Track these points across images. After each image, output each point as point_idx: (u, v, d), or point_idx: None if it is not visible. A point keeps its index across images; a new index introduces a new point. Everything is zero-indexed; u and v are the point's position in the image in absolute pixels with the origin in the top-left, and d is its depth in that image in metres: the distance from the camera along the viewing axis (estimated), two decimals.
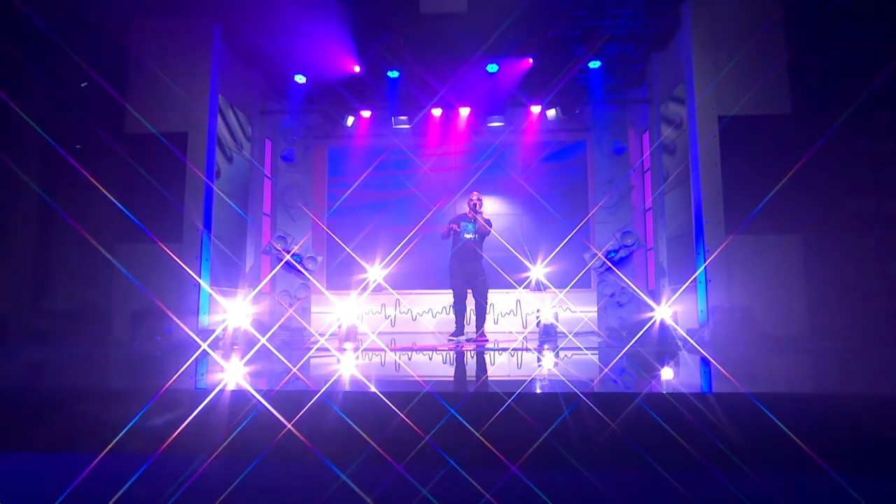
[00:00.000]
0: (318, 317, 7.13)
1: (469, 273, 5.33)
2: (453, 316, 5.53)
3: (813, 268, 4.66)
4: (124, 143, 5.22)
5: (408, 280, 7.56)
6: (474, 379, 2.92)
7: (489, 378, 2.93)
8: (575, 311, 7.23)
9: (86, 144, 5.12)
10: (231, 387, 2.38)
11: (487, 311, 5.69)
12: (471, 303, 5.46)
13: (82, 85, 4.87)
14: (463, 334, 5.33)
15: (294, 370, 3.14)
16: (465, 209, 5.49)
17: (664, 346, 4.23)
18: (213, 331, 5.22)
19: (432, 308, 7.51)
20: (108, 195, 5.06)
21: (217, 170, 5.68)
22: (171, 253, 5.13)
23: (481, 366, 3.60)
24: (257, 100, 6.66)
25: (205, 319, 5.28)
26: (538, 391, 2.30)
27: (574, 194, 7.63)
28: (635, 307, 6.30)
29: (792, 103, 4.81)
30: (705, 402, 2.01)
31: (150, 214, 5.19)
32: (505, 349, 4.69)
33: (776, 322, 4.59)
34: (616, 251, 6.16)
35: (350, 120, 7.15)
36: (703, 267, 4.98)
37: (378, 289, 7.47)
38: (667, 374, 3.07)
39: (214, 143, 5.51)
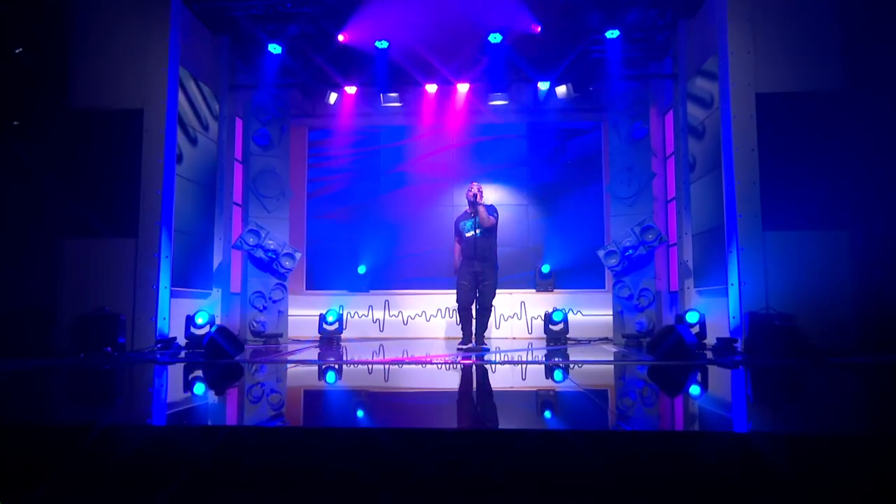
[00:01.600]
0: (296, 321, 6.94)
1: (476, 273, 5.16)
2: (452, 320, 5.32)
3: (864, 268, 4.51)
4: (69, 121, 4.99)
5: (399, 279, 7.44)
6: (456, 409, 2.68)
7: (481, 408, 2.69)
8: (588, 314, 7.05)
9: (23, 122, 4.88)
10: (194, 420, 2.15)
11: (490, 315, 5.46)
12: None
13: (16, 51, 4.58)
14: (472, 343, 5.17)
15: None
16: (463, 201, 5.32)
17: (687, 358, 4.01)
18: (175, 339, 5.04)
19: (426, 311, 7.34)
20: (51, 181, 4.82)
21: (179, 153, 5.46)
22: (124, 249, 4.95)
23: (470, 388, 3.37)
24: (225, 73, 6.41)
25: (165, 326, 5.09)
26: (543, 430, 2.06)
27: (587, 183, 7.49)
28: (656, 312, 6.12)
29: (844, 78, 4.64)
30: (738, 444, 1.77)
31: (100, 204, 5.00)
32: (507, 362, 4.48)
33: (821, 331, 4.43)
34: (634, 248, 6.01)
35: (333, 97, 6.93)
36: (735, 267, 4.83)
37: (365, 289, 7.35)
38: (691, 403, 2.83)
39: (175, 121, 5.29)
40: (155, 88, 5.09)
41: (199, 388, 3.22)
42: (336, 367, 4.32)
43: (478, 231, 5.14)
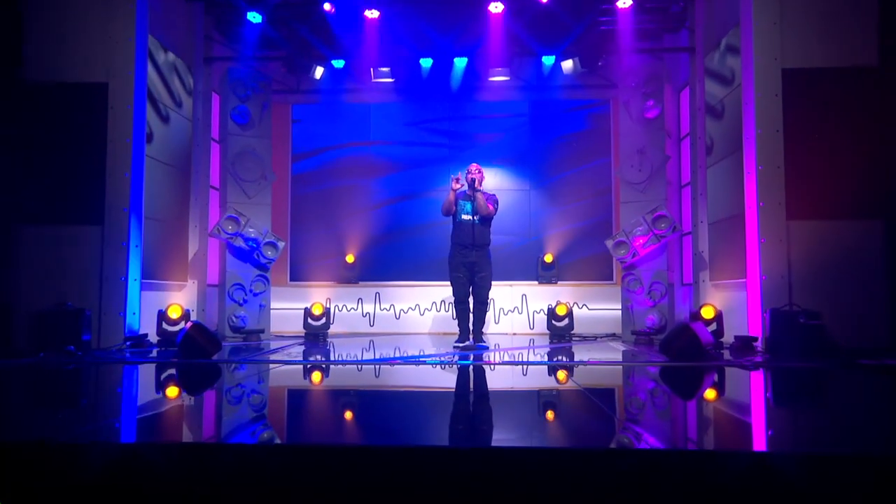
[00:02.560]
0: (279, 315, 6.84)
1: (471, 264, 5.08)
2: (448, 314, 5.22)
3: None
4: (24, 96, 4.81)
5: (391, 269, 7.35)
6: (449, 420, 2.54)
7: (479, 416, 2.55)
8: (594, 308, 6.95)
9: None
10: (162, 435, 2.00)
11: (487, 310, 5.39)
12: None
13: None
14: (469, 340, 5.10)
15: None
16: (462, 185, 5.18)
17: (702, 359, 3.92)
18: (146, 335, 4.93)
19: (420, 304, 7.24)
20: (5, 162, 4.65)
21: (149, 132, 5.32)
22: (89, 238, 4.81)
23: (466, 396, 3.24)
24: (200, 43, 6.25)
25: (135, 321, 4.97)
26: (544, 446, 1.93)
27: (594, 166, 7.37)
28: (668, 307, 6.02)
29: (880, 52, 4.49)
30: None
31: (62, 188, 4.86)
32: (506, 363, 4.38)
33: (850, 330, 4.34)
34: (646, 238, 5.90)
35: (319, 71, 6.75)
36: (756, 259, 4.73)
37: (354, 280, 7.25)
38: (706, 414, 2.71)
39: (144, 96, 5.13)
40: (121, 59, 4.92)
41: (172, 392, 3.12)
42: (322, 368, 4.24)
43: (476, 217, 5.04)
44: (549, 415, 2.54)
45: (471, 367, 4.03)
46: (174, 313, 5.04)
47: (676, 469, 1.66)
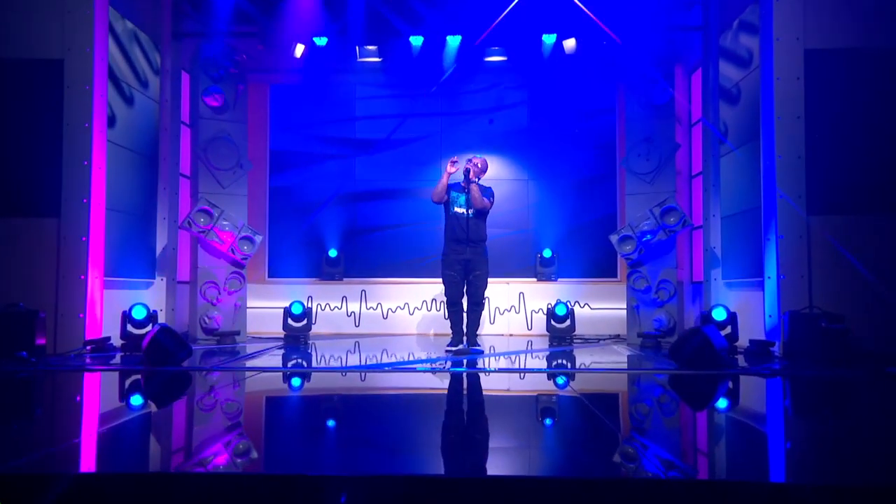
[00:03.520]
0: (256, 315, 6.75)
1: (465, 262, 5.03)
2: (439, 314, 5.14)
3: None
4: None
5: (378, 265, 7.30)
6: (440, 440, 2.43)
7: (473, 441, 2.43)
8: (597, 308, 6.90)
9: None
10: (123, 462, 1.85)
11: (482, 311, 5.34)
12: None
13: None
14: (462, 344, 5.06)
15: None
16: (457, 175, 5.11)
17: (715, 367, 3.85)
18: (109, 339, 4.83)
19: (409, 302, 7.19)
20: None
21: (111, 114, 5.18)
22: (44, 231, 4.68)
23: (459, 409, 3.11)
24: (168, 17, 6.07)
25: (96, 324, 4.86)
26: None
27: (598, 155, 7.32)
28: (677, 307, 5.93)
29: None
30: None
31: (12, 176, 4.73)
32: (502, 370, 4.29)
33: (876, 335, 4.27)
34: (653, 233, 5.86)
35: (299, 49, 6.59)
36: (774, 256, 4.68)
37: (338, 277, 7.19)
38: (721, 436, 2.61)
39: (105, 75, 4.98)
40: (78, 34, 4.77)
41: (137, 404, 3.04)
42: (303, 375, 4.18)
43: (470, 211, 4.98)
44: (549, 432, 2.45)
45: (464, 374, 3.96)
46: (139, 314, 4.90)
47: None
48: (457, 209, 5.02)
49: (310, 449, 2.19)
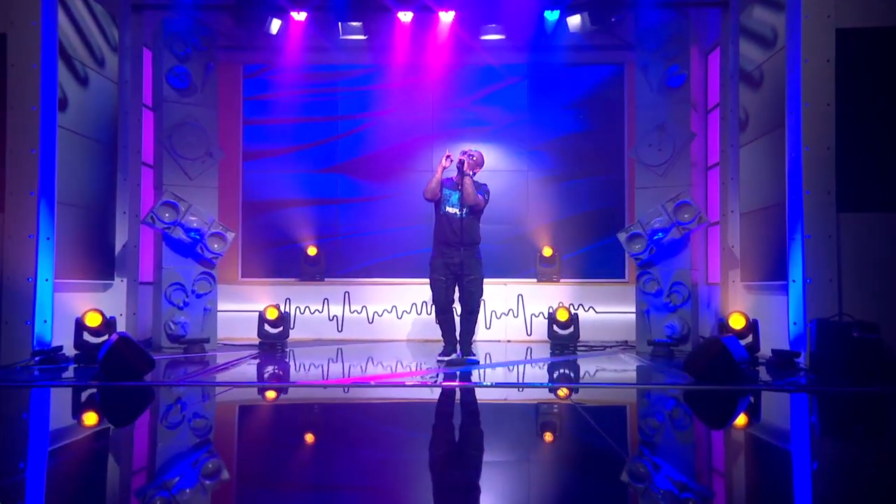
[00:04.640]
0: (228, 319, 6.73)
1: (456, 266, 4.96)
2: (430, 318, 5.22)
3: None
4: None
5: (363, 264, 7.33)
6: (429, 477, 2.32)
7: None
8: (603, 312, 6.91)
9: None
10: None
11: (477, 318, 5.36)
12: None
13: None
14: (456, 353, 5.03)
15: None
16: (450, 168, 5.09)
17: (735, 381, 3.82)
18: (61, 348, 4.77)
19: (397, 306, 7.19)
20: None
21: (62, 96, 5.09)
22: None
23: (450, 436, 3.03)
24: None
25: (46, 331, 4.80)
26: None
27: (605, 144, 7.32)
28: (691, 312, 5.85)
29: None
30: None
31: None
32: (498, 385, 4.25)
33: None
34: (666, 230, 5.85)
35: (276, 25, 6.50)
36: (799, 258, 4.63)
37: (319, 277, 7.19)
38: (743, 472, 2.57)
39: (54, 52, 4.90)
40: (23, 5, 4.70)
41: (91, 423, 3.02)
42: (278, 392, 4.15)
43: (463, 211, 4.93)
44: (553, 475, 2.37)
45: (457, 390, 3.92)
46: (93, 320, 4.82)
47: None
48: (449, 209, 4.97)
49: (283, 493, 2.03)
